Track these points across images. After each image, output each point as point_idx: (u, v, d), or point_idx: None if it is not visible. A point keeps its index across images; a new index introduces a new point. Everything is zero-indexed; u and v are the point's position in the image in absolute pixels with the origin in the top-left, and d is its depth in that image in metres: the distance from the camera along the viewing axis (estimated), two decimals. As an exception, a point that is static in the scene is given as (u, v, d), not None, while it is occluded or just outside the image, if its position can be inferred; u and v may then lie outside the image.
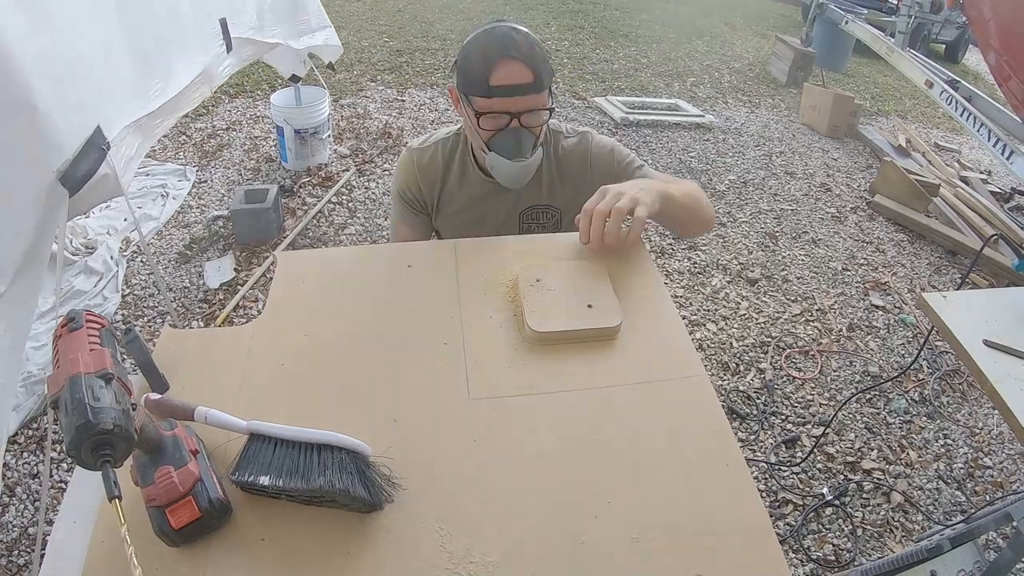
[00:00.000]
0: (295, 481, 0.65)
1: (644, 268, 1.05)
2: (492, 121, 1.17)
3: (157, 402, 0.72)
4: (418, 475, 0.72)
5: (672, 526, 0.70)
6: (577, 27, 6.86)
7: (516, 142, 1.17)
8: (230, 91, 4.45)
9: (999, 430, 2.47)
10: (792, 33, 6.45)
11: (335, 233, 3.16)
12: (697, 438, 0.79)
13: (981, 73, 7.56)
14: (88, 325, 0.61)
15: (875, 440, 2.36)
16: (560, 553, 0.67)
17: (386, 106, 4.49)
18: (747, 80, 5.98)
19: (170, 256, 2.90)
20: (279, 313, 0.93)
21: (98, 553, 0.64)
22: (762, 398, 2.49)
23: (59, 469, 1.97)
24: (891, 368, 2.73)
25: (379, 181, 3.60)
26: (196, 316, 2.59)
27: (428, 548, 0.66)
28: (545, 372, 0.85)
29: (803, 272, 3.29)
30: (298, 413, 0.75)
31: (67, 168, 1.46)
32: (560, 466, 0.75)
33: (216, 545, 0.65)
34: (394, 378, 0.84)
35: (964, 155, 5.15)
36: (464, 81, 1.17)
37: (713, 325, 2.85)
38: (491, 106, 1.15)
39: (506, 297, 0.97)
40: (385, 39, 5.83)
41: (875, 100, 6.06)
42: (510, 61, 1.11)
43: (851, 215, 3.90)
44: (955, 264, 3.58)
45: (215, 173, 3.56)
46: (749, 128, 4.91)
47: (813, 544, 1.98)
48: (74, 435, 0.50)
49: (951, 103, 3.59)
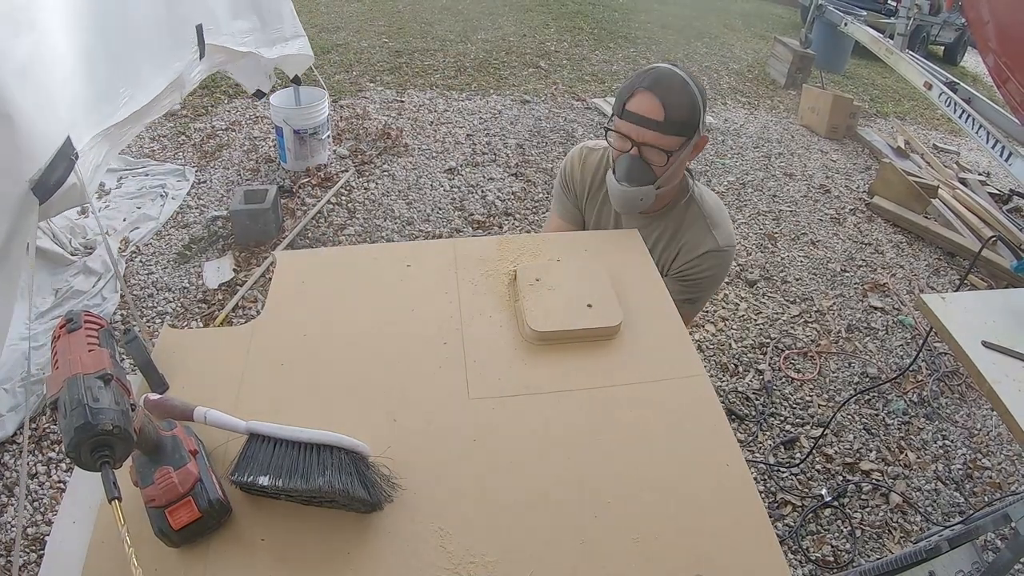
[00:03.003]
0: (295, 481, 0.65)
1: (644, 268, 1.05)
2: (618, 142, 1.26)
3: (156, 402, 0.72)
4: (418, 475, 0.72)
5: (672, 526, 0.70)
6: (576, 28, 6.86)
7: (629, 167, 1.24)
8: (230, 91, 4.45)
9: (997, 431, 2.47)
10: (791, 35, 6.45)
11: (334, 234, 3.16)
12: (697, 438, 0.79)
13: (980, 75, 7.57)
14: (87, 326, 0.61)
15: (874, 441, 2.37)
16: (560, 553, 0.67)
17: (385, 107, 4.49)
18: (746, 82, 5.99)
19: (169, 256, 2.89)
20: (278, 313, 0.93)
21: (98, 553, 0.64)
22: (761, 399, 2.49)
23: (59, 469, 1.97)
24: (890, 369, 2.73)
25: (378, 182, 3.60)
26: (195, 316, 2.59)
27: (428, 548, 0.66)
28: (545, 372, 0.85)
29: (802, 273, 3.29)
30: (298, 413, 0.75)
31: (39, 177, 1.50)
32: (560, 466, 0.75)
33: (216, 545, 0.65)
34: (394, 378, 0.83)
35: (963, 157, 5.16)
36: (614, 102, 1.27)
37: (712, 326, 2.85)
38: (620, 127, 1.24)
39: (506, 297, 0.97)
40: (384, 40, 5.83)
41: (874, 102, 6.06)
42: (648, 94, 1.19)
43: (850, 216, 3.90)
44: (954, 266, 3.58)
45: (214, 173, 3.55)
46: (748, 129, 4.91)
47: (812, 545, 1.98)
48: (73, 436, 0.50)
49: (950, 105, 3.60)
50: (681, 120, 1.20)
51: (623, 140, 1.24)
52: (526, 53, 5.87)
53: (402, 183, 3.60)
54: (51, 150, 1.54)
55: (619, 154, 1.26)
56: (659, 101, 1.18)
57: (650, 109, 1.19)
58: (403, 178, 3.65)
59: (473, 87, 4.99)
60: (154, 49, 2.13)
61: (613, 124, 1.26)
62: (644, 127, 1.20)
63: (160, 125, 3.93)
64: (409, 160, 3.83)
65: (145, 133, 3.78)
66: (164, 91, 2.17)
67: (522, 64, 5.60)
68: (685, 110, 1.20)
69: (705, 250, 1.34)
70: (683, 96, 1.19)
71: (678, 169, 1.28)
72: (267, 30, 2.94)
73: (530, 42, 6.21)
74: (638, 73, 1.24)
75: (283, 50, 3.09)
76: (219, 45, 2.54)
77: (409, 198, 3.48)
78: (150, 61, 2.11)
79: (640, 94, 1.19)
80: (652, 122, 1.19)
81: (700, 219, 1.36)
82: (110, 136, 1.90)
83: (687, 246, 1.35)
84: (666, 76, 1.20)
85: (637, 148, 1.23)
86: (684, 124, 1.21)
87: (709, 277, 1.37)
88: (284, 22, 3.08)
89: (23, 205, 1.50)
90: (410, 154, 3.90)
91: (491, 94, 4.89)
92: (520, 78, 5.29)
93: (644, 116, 1.19)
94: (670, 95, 1.18)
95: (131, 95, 1.98)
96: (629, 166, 1.24)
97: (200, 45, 2.38)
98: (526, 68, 5.52)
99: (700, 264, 1.35)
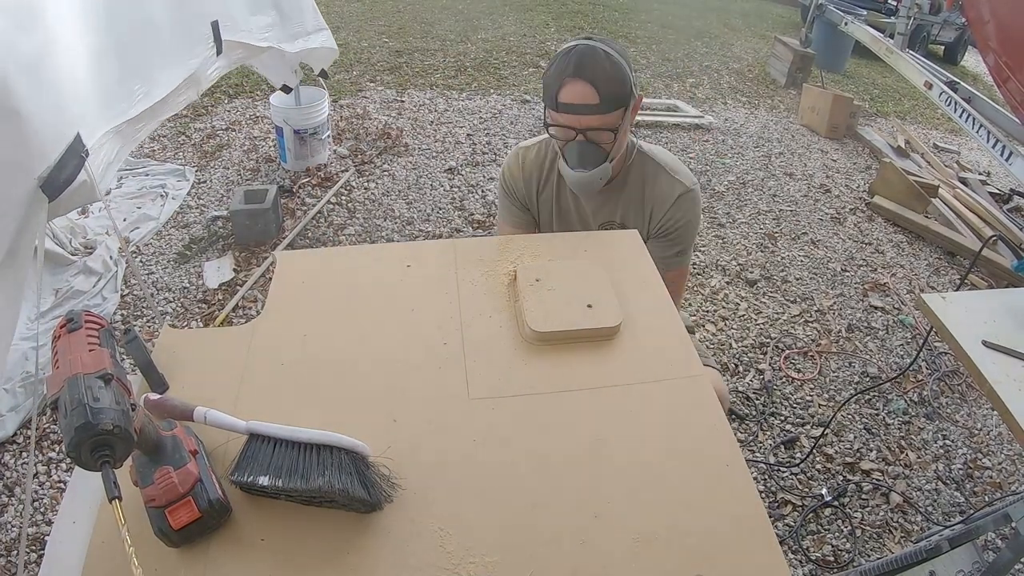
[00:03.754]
0: (294, 481, 0.65)
1: (644, 268, 1.05)
2: (561, 132, 1.25)
3: (156, 402, 0.72)
4: (418, 475, 0.72)
5: (672, 526, 0.70)
6: (577, 28, 6.86)
7: (580, 153, 1.24)
8: (230, 91, 4.45)
9: (998, 431, 2.47)
10: (791, 34, 6.45)
11: (334, 234, 3.16)
12: (697, 438, 0.79)
13: (980, 74, 7.56)
14: (87, 325, 0.61)
15: (874, 441, 2.37)
16: (560, 553, 0.67)
17: (385, 107, 4.49)
18: (746, 81, 5.98)
19: (169, 256, 2.89)
20: (278, 313, 0.93)
21: (98, 553, 0.64)
22: (761, 399, 2.49)
23: (59, 469, 1.97)
24: (890, 369, 2.73)
25: (378, 182, 3.60)
26: (195, 316, 2.59)
27: (428, 548, 0.66)
28: (545, 372, 0.85)
29: (802, 273, 3.29)
30: (297, 413, 0.75)
31: (48, 175, 1.48)
32: (560, 466, 0.75)
33: (216, 545, 0.65)
34: (394, 378, 0.83)
35: (963, 156, 5.15)
36: (544, 94, 1.26)
37: (712, 326, 2.85)
38: (558, 120, 1.23)
39: (506, 297, 0.97)
40: (384, 39, 5.83)
41: (874, 101, 6.06)
42: (578, 81, 1.17)
43: (850, 216, 3.90)
44: (954, 265, 3.58)
45: (214, 173, 3.55)
46: (748, 129, 4.91)
47: (812, 545, 1.98)
48: (74, 436, 0.50)
49: (950, 104, 3.59)
50: (615, 95, 1.19)
51: (565, 131, 1.24)
52: (526, 53, 5.86)
53: (402, 183, 3.60)
54: (61, 147, 1.51)
55: (565, 143, 1.26)
56: (590, 85, 1.17)
57: (583, 95, 1.17)
58: (403, 178, 3.65)
59: (473, 87, 4.99)
60: (168, 45, 2.12)
61: (550, 118, 1.24)
62: (583, 114, 1.19)
63: (160, 125, 3.92)
64: (409, 160, 3.83)
65: (145, 133, 3.78)
66: (179, 87, 2.15)
67: (522, 64, 5.60)
68: (616, 84, 1.19)
69: (676, 195, 1.35)
70: (611, 71, 1.18)
71: (624, 136, 1.28)
72: (287, 24, 2.92)
73: (530, 42, 6.21)
74: (559, 58, 1.21)
75: (306, 44, 3.07)
76: (237, 41, 2.53)
77: (409, 198, 3.48)
78: (164, 57, 2.09)
79: (569, 83, 1.18)
80: (589, 107, 1.18)
81: (660, 171, 1.36)
82: (123, 133, 1.88)
83: (658, 200, 1.36)
84: (588, 56, 1.18)
85: (582, 134, 1.22)
86: (619, 97, 1.20)
87: (689, 221, 1.37)
88: (305, 16, 3.06)
89: (32, 203, 1.47)
90: (410, 154, 3.90)
91: (491, 94, 4.89)
92: (520, 78, 5.29)
93: (580, 104, 1.18)
94: (597, 75, 1.17)
95: (145, 91, 1.97)
96: (580, 152, 1.23)
97: (217, 42, 2.36)
98: (526, 68, 5.52)
99: (676, 212, 1.35)
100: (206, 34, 2.32)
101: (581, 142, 1.23)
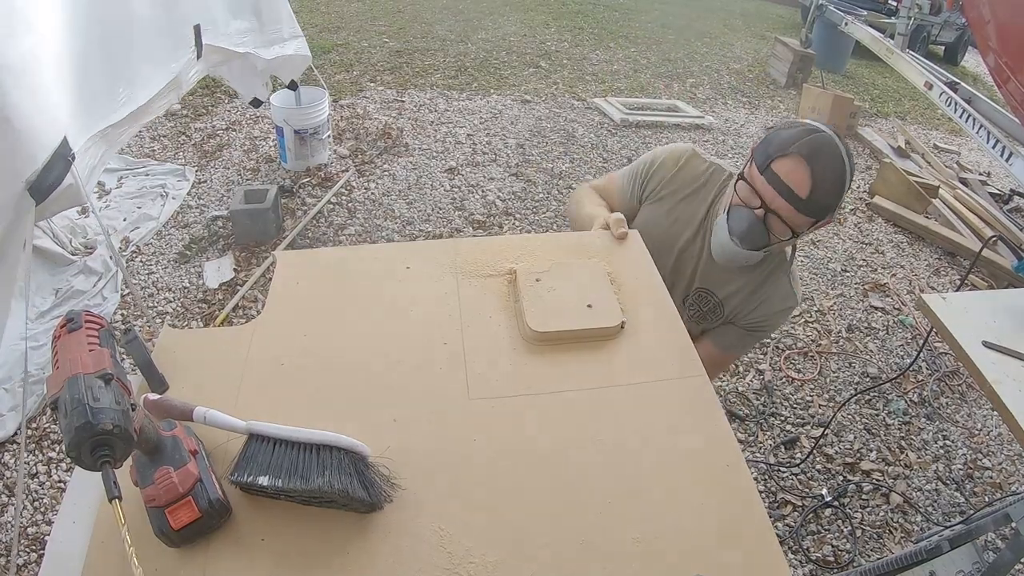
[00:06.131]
0: (294, 481, 0.65)
1: (644, 268, 1.05)
2: (747, 195, 1.12)
3: (156, 402, 0.72)
4: (418, 475, 0.72)
5: (672, 526, 0.70)
6: (577, 28, 6.86)
7: (749, 227, 1.12)
8: (230, 91, 4.45)
9: (998, 431, 2.47)
10: (791, 34, 6.45)
11: (334, 234, 3.16)
12: (697, 438, 0.79)
13: (980, 75, 7.56)
14: (87, 325, 0.61)
15: (874, 441, 2.36)
16: (561, 553, 0.67)
17: (386, 107, 4.49)
18: (746, 81, 5.98)
19: (169, 256, 2.89)
20: (279, 313, 0.93)
21: (98, 553, 0.64)
22: (761, 399, 2.49)
23: (59, 469, 1.97)
24: (890, 369, 2.73)
25: (378, 182, 3.60)
26: (195, 316, 2.59)
27: (428, 548, 0.66)
28: (545, 372, 0.85)
29: (802, 273, 3.29)
30: (297, 413, 0.75)
31: (35, 178, 1.49)
32: (560, 466, 0.75)
33: (216, 545, 0.65)
34: (394, 378, 0.83)
35: (963, 157, 5.15)
36: (760, 145, 1.12)
37: (712, 326, 2.86)
38: (756, 183, 1.10)
39: (506, 297, 0.96)
40: (385, 39, 5.83)
41: (874, 102, 6.06)
42: (803, 165, 1.05)
43: (850, 216, 3.90)
44: (954, 265, 3.58)
45: (214, 173, 3.55)
46: (748, 129, 4.91)
47: (812, 545, 1.98)
48: (74, 435, 0.50)
49: (950, 105, 3.59)
50: (822, 205, 1.08)
51: (753, 197, 1.11)
52: (527, 53, 5.86)
53: (402, 183, 3.60)
54: (48, 151, 1.53)
55: (741, 206, 1.13)
56: (810, 177, 1.05)
57: (798, 182, 1.05)
58: (403, 178, 3.65)
59: (473, 87, 4.99)
60: (152, 49, 2.12)
61: (749, 175, 1.11)
62: (783, 198, 1.07)
63: (160, 125, 3.93)
64: (409, 160, 3.83)
65: (145, 133, 3.78)
66: (162, 91, 2.16)
67: (523, 64, 5.60)
68: (832, 196, 1.08)
69: (787, 306, 1.27)
70: (835, 178, 1.07)
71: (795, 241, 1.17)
72: (265, 31, 2.92)
73: (530, 42, 6.21)
74: (796, 128, 1.09)
75: (280, 51, 3.07)
76: (216, 46, 2.54)
77: (409, 198, 3.47)
78: (148, 61, 2.10)
79: (793, 160, 1.05)
80: (793, 195, 1.06)
81: (786, 275, 1.26)
82: (107, 136, 1.89)
83: (769, 300, 1.27)
84: (826, 149, 1.06)
85: (764, 211, 1.10)
86: (823, 208, 1.08)
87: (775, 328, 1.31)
88: (282, 23, 3.06)
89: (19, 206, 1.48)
90: (410, 154, 3.90)
91: (491, 94, 4.89)
92: (520, 78, 5.29)
93: (788, 187, 1.06)
94: (823, 173, 1.05)
95: (129, 95, 1.98)
96: (749, 227, 1.11)
97: (198, 45, 2.37)
98: (527, 68, 5.52)
99: (777, 319, 1.29)
100: (189, 38, 2.32)
101: (758, 218, 1.11)
